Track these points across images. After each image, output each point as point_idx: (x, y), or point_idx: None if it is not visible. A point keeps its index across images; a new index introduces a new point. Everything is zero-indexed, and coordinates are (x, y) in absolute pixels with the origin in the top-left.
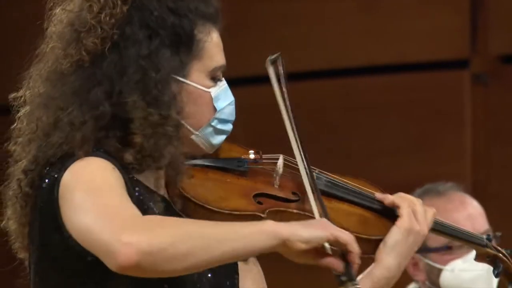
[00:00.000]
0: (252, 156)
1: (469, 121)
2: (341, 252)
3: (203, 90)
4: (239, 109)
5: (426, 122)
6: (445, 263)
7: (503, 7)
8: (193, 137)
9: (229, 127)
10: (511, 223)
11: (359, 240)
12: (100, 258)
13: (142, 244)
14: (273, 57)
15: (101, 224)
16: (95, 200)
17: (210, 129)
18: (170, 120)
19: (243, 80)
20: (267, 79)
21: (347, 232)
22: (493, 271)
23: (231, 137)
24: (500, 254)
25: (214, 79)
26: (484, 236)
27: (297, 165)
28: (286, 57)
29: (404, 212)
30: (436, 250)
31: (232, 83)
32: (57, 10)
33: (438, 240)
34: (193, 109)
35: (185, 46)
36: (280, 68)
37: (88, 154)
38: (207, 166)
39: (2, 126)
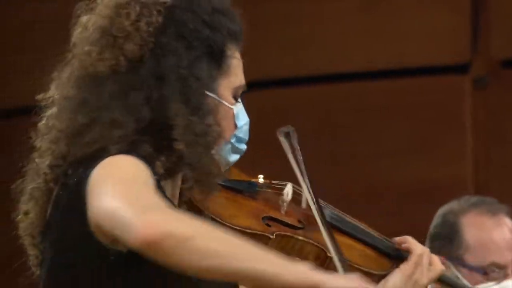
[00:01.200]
0: (261, 180)
1: (470, 124)
2: None
3: (228, 106)
4: None
5: (427, 125)
6: (474, 283)
7: (504, 11)
8: (212, 151)
9: (244, 147)
10: None
11: (359, 272)
12: (120, 237)
13: (167, 224)
14: (285, 130)
15: (127, 203)
16: (125, 189)
17: (229, 146)
18: (212, 130)
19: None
20: (267, 83)
21: None
22: None
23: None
24: None
25: (236, 98)
26: None
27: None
28: (287, 59)
29: (412, 259)
30: (471, 268)
31: None
32: (85, 17)
33: (476, 259)
34: (218, 123)
35: (216, 60)
36: (294, 142)
37: (121, 152)
38: (219, 185)
39: None
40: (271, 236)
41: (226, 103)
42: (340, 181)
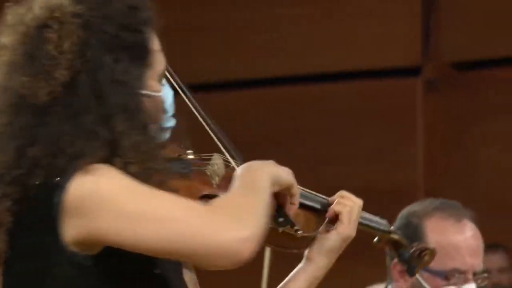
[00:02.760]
0: (191, 156)
1: (421, 128)
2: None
3: (158, 96)
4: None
5: (379, 130)
6: (435, 286)
7: (454, 14)
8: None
9: (173, 121)
10: None
11: (298, 238)
12: (202, 260)
13: (255, 235)
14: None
15: (202, 226)
16: (163, 204)
17: (163, 129)
18: (154, 142)
19: (207, 86)
20: (229, 85)
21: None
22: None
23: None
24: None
25: (160, 81)
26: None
27: (230, 162)
28: (247, 63)
29: (345, 219)
30: (433, 272)
31: (199, 89)
32: (6, 36)
33: (438, 264)
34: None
35: (141, 59)
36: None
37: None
38: None
39: None
40: None
41: (156, 94)
42: None
